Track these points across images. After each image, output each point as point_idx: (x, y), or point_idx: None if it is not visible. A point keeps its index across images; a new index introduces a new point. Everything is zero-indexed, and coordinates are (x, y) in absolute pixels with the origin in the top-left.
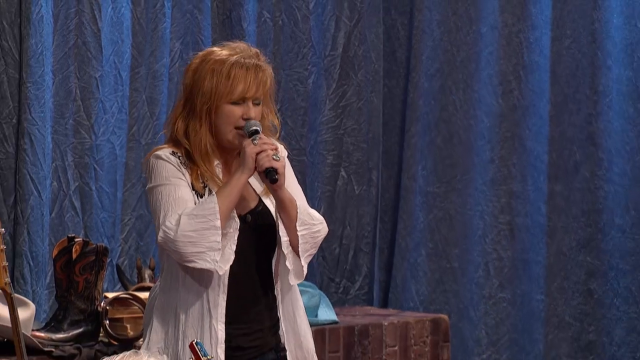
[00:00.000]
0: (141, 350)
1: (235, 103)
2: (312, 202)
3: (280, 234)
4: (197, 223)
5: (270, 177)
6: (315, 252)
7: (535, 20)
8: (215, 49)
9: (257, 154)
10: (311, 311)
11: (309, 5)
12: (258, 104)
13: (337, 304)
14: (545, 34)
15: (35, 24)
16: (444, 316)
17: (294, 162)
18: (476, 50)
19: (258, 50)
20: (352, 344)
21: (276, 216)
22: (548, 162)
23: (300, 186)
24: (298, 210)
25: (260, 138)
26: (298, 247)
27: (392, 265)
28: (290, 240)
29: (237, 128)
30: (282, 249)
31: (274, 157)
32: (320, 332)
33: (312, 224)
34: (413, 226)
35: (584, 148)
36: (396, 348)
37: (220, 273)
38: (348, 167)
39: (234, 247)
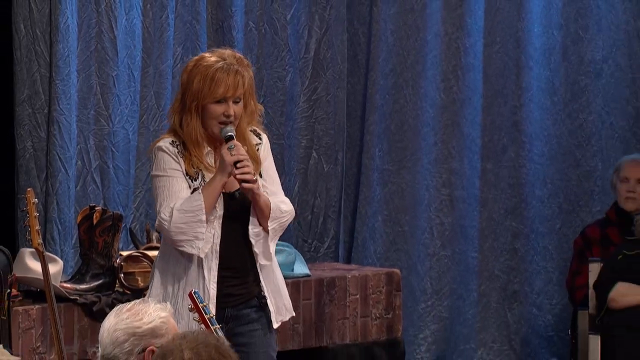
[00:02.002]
0: (145, 299)
1: (218, 102)
2: (288, 178)
3: (251, 226)
4: (187, 217)
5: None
6: (283, 232)
7: (471, 29)
8: (206, 55)
9: (235, 163)
10: (288, 266)
11: (287, 17)
12: (238, 102)
13: (309, 260)
14: (479, 40)
15: (63, 32)
16: (397, 270)
17: (274, 146)
18: (422, 54)
19: (242, 56)
20: (321, 293)
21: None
22: (481, 145)
23: (279, 165)
24: (271, 210)
25: (235, 146)
26: (269, 233)
27: (355, 229)
28: (263, 228)
29: (220, 123)
30: (250, 238)
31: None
32: (296, 283)
33: (281, 217)
34: (371, 197)
35: (510, 133)
36: (357, 296)
37: (202, 256)
38: (318, 149)
39: (213, 231)
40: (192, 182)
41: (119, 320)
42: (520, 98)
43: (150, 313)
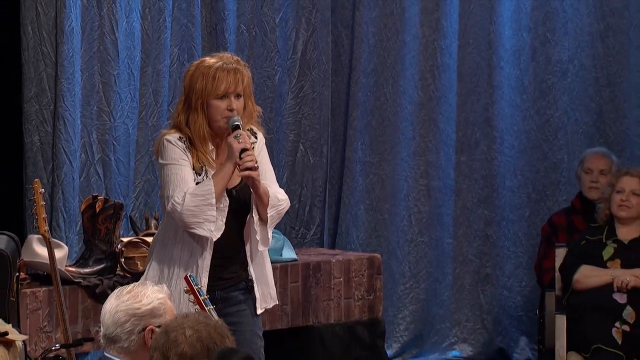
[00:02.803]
0: (143, 281)
1: (220, 98)
2: (277, 170)
3: (252, 214)
4: (198, 200)
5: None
6: (280, 220)
7: (446, 32)
8: (206, 58)
9: (241, 151)
10: (277, 251)
11: (275, 20)
12: (239, 97)
13: (296, 246)
14: (454, 42)
15: (68, 34)
16: (377, 255)
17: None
18: (401, 55)
19: (238, 58)
20: (308, 276)
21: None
22: (455, 139)
23: (269, 157)
24: (270, 198)
25: (241, 135)
26: (267, 221)
27: (339, 217)
28: (260, 216)
29: (224, 117)
30: (252, 226)
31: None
32: (284, 267)
33: (279, 205)
34: (354, 187)
35: (482, 128)
36: (341, 279)
37: (214, 239)
38: (305, 142)
39: (224, 219)
40: (197, 176)
41: (120, 302)
42: (492, 96)
43: (149, 295)
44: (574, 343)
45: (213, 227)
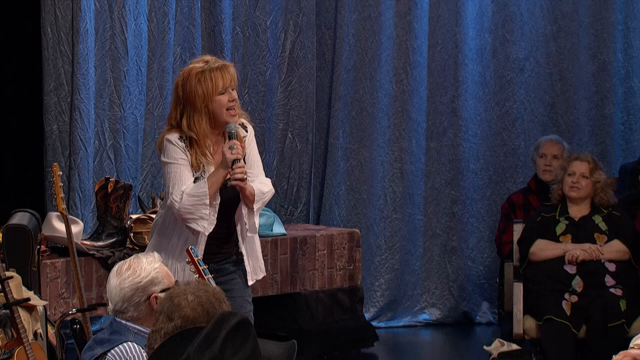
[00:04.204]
0: (137, 255)
1: (221, 93)
2: (268, 155)
3: (242, 206)
4: (194, 200)
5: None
6: (264, 206)
7: (417, 33)
8: (192, 65)
9: (233, 162)
10: (268, 227)
11: (266, 22)
12: (234, 88)
13: (285, 222)
14: (424, 42)
15: (83, 35)
16: (357, 230)
17: (257, 129)
18: (378, 53)
19: (217, 58)
20: (295, 249)
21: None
22: (426, 128)
23: (261, 144)
24: (255, 195)
25: (235, 146)
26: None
27: (323, 197)
28: (248, 208)
29: (227, 109)
30: (242, 217)
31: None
32: (274, 241)
33: (263, 197)
34: (336, 170)
35: (449, 118)
36: (325, 251)
37: (206, 234)
38: (293, 131)
39: (216, 215)
40: (195, 173)
41: (122, 280)
42: (458, 89)
43: (146, 268)
44: (529, 308)
45: (206, 223)
